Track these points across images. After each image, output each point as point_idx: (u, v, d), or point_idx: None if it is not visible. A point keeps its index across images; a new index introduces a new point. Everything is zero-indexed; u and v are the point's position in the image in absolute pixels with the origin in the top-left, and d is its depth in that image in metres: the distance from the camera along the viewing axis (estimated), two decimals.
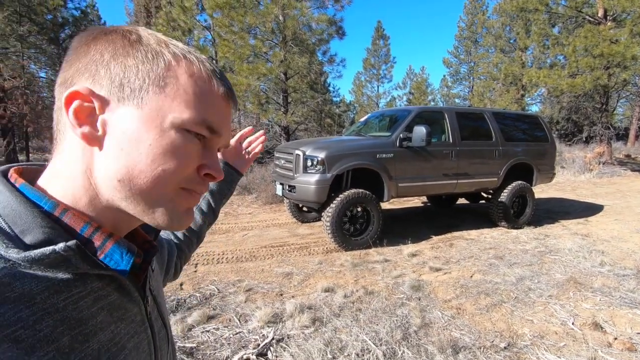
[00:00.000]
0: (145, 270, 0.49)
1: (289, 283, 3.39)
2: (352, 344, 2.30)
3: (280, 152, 5.04)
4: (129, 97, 0.40)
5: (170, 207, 0.43)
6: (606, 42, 11.43)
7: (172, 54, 0.42)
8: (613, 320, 2.72)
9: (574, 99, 15.71)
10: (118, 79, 0.40)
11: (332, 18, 10.67)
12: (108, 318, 0.41)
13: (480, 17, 25.24)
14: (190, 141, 0.42)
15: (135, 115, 0.40)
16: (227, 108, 0.46)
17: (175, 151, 0.41)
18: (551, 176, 6.17)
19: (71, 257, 0.37)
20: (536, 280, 3.46)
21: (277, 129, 12.00)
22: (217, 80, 0.44)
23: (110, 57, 0.40)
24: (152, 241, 0.53)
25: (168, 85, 0.41)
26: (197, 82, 0.42)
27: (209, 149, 0.45)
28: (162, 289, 0.63)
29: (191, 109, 0.41)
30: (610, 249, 4.41)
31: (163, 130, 0.40)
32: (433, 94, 30.40)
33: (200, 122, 0.42)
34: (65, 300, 0.37)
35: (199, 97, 0.42)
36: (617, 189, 9.43)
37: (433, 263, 3.92)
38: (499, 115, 5.72)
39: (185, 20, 10.89)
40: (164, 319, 0.56)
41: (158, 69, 0.41)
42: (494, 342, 2.43)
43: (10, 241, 0.35)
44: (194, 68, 0.43)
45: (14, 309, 0.32)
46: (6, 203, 0.37)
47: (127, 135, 0.39)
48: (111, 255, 0.41)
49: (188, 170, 0.43)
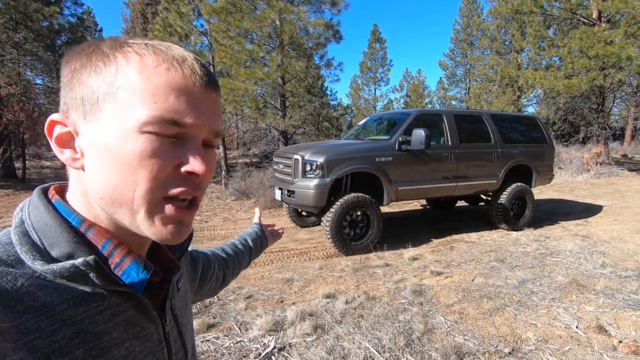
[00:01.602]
0: (165, 289, 0.49)
1: (290, 289, 3.35)
2: (355, 352, 2.27)
3: (279, 156, 5.02)
4: (90, 112, 0.39)
5: (152, 219, 0.40)
6: (601, 43, 11.51)
7: (124, 54, 0.39)
8: (617, 323, 2.70)
9: (570, 100, 15.79)
10: (79, 97, 0.40)
11: (328, 22, 10.70)
12: (124, 334, 0.41)
13: (475, 20, 25.41)
14: (156, 143, 0.38)
15: (98, 129, 0.39)
16: (197, 94, 0.41)
17: (142, 158, 0.38)
18: (550, 177, 6.17)
19: (89, 272, 0.38)
20: (538, 283, 3.44)
21: (275, 133, 11.98)
22: (179, 67, 0.40)
23: (72, 77, 0.40)
24: (175, 260, 0.53)
25: (120, 90, 0.38)
26: (150, 77, 0.38)
27: (187, 144, 0.41)
28: (189, 309, 0.61)
29: (147, 108, 0.38)
30: (611, 250, 4.39)
31: (124, 139, 0.38)
32: (430, 97, 30.53)
33: (159, 119, 0.38)
34: (83, 313, 0.37)
35: (154, 93, 0.38)
36: (615, 189, 9.45)
37: (434, 267, 3.89)
38: (497, 117, 5.72)
39: (182, 25, 10.88)
40: (184, 340, 0.55)
41: (109, 75, 0.39)
42: (498, 347, 2.41)
43: (39, 253, 0.38)
44: (146, 62, 0.39)
45: (34, 318, 0.34)
46: (40, 217, 0.40)
47: (97, 151, 0.39)
48: (129, 272, 0.42)
49: (162, 174, 0.39)
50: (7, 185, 10.24)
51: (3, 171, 11.40)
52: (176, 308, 0.54)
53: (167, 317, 0.50)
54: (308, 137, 15.02)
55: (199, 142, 0.42)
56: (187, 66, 0.41)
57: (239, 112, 11.86)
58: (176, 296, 0.54)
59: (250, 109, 10.78)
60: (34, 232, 0.39)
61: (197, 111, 0.40)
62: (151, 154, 0.38)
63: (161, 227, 0.41)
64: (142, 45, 0.40)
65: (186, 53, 0.42)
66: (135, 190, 0.38)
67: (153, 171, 0.38)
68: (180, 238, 0.43)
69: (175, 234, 0.42)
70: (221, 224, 6.06)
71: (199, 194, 0.44)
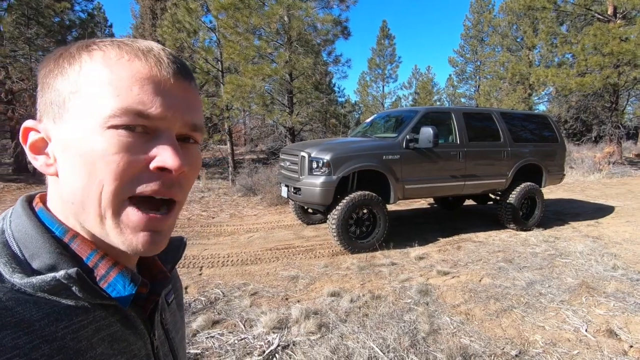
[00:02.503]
0: (152, 302, 0.46)
1: (295, 287, 3.35)
2: (359, 352, 2.25)
3: (286, 153, 5.01)
4: (58, 115, 0.38)
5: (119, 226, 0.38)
6: (616, 40, 11.25)
7: (89, 52, 0.38)
8: (628, 327, 2.64)
9: (583, 98, 15.49)
10: (49, 101, 0.39)
11: (337, 18, 10.63)
12: (108, 350, 0.38)
13: (486, 16, 25.03)
14: (122, 137, 0.36)
15: (65, 131, 0.38)
16: (165, 84, 0.38)
17: (107, 154, 0.36)
18: (561, 177, 6.06)
19: (71, 285, 0.36)
20: (547, 284, 3.39)
21: (282, 130, 11.98)
22: (143, 57, 0.38)
23: (42, 82, 0.40)
24: (166, 272, 0.50)
25: (83, 87, 0.37)
26: (113, 70, 0.37)
27: (160, 138, 0.38)
28: (181, 325, 0.58)
29: (110, 102, 0.36)
30: (622, 252, 4.31)
31: (90, 137, 0.36)
32: (439, 94, 30.23)
33: (123, 111, 0.36)
34: (65, 328, 0.35)
35: (117, 86, 0.36)
36: (628, 189, 9.26)
37: (441, 266, 3.86)
38: (507, 115, 5.63)
39: (191, 21, 10.90)
40: (176, 357, 0.52)
41: (73, 75, 0.38)
42: (505, 350, 2.37)
43: (18, 265, 0.35)
44: (110, 56, 0.37)
45: (12, 335, 0.31)
46: (22, 227, 0.38)
47: (66, 154, 0.38)
48: (114, 285, 0.39)
49: (130, 170, 0.36)
50: (19, 179, 10.42)
51: (15, 165, 11.61)
52: (167, 323, 0.51)
53: (156, 332, 0.47)
54: (315, 134, 15.00)
55: (172, 136, 0.39)
56: (153, 55, 0.39)
57: (246, 108, 11.87)
58: (167, 310, 0.51)
59: (257, 106, 10.78)
60: (14, 243, 0.37)
61: (165, 101, 0.38)
62: (117, 149, 0.36)
63: (131, 236, 0.38)
64: (107, 42, 0.39)
65: (153, 44, 0.40)
66: (101, 190, 0.36)
67: (119, 167, 0.36)
68: (154, 249, 0.40)
69: (148, 243, 0.39)
70: (228, 220, 6.08)
71: (176, 195, 0.40)
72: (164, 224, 0.40)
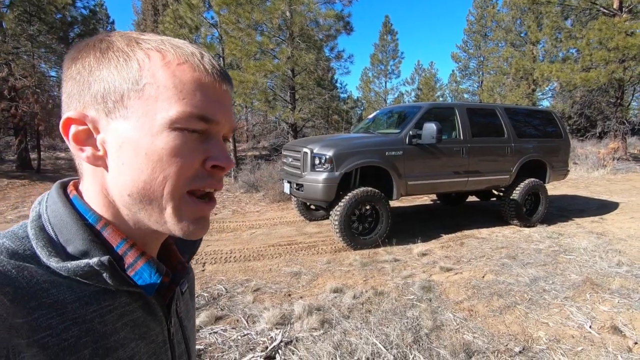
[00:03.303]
0: (172, 291, 0.49)
1: (297, 283, 3.35)
2: (362, 348, 2.25)
3: (288, 149, 4.99)
4: (114, 110, 0.39)
5: (180, 215, 0.41)
6: (621, 35, 11.11)
7: (144, 51, 0.40)
8: (632, 324, 2.63)
9: (587, 94, 15.34)
10: (100, 94, 0.39)
11: (339, 13, 10.56)
12: (130, 335, 0.41)
13: (490, 11, 24.79)
14: (186, 139, 0.39)
15: (124, 127, 0.39)
16: (218, 90, 0.42)
17: (172, 154, 0.39)
18: (565, 173, 6.02)
19: (103, 271, 0.38)
20: (551, 281, 3.37)
21: (285, 126, 11.96)
22: (198, 64, 0.41)
23: (88, 73, 0.40)
24: (184, 263, 0.53)
25: (146, 87, 0.39)
26: (176, 74, 0.39)
27: (211, 139, 0.42)
28: (193, 315, 0.61)
29: (176, 105, 0.39)
30: (627, 249, 4.28)
31: (154, 135, 0.38)
32: (442, 90, 30.04)
33: (189, 115, 0.39)
34: (93, 312, 0.37)
35: (181, 90, 0.39)
36: (632, 185, 9.19)
37: (444, 263, 3.84)
38: (511, 110, 5.58)
39: (192, 17, 10.86)
40: (188, 345, 0.55)
41: (132, 72, 0.39)
42: (509, 346, 2.36)
43: (54, 249, 0.38)
44: (169, 59, 0.40)
45: (46, 315, 0.34)
46: (57, 212, 0.40)
47: (124, 149, 0.39)
48: (141, 273, 0.42)
49: (191, 169, 0.40)
50: (23, 176, 10.47)
51: (19, 162, 11.65)
52: (181, 311, 0.54)
53: (172, 319, 0.50)
54: (317, 130, 14.96)
55: (221, 137, 0.44)
56: (207, 62, 0.41)
57: (248, 104, 11.85)
58: (181, 299, 0.54)
59: (259, 102, 10.76)
60: (50, 227, 0.39)
61: (221, 107, 0.42)
62: (181, 150, 0.39)
63: (187, 223, 0.42)
64: (159, 42, 0.41)
65: (201, 49, 0.43)
66: (165, 186, 0.39)
67: (184, 166, 0.39)
68: (203, 232, 0.44)
69: (200, 229, 0.43)
70: (230, 217, 6.09)
71: (220, 187, 0.45)
72: (209, 211, 0.45)
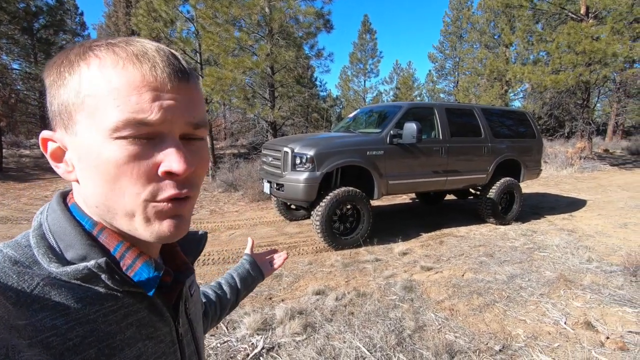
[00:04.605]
0: (176, 290, 0.49)
1: (278, 286, 3.28)
2: (346, 352, 2.22)
3: (268, 149, 4.90)
4: (68, 126, 0.39)
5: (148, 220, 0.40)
6: (588, 39, 11.62)
7: (86, 60, 0.38)
8: (604, 319, 2.73)
9: (557, 95, 15.99)
10: (57, 111, 0.40)
11: (319, 11, 10.47)
12: (136, 335, 0.42)
13: (465, 13, 25.40)
14: (130, 148, 0.37)
15: (78, 142, 0.39)
16: (162, 86, 0.38)
17: (119, 164, 0.37)
18: (538, 172, 6.23)
19: (101, 273, 0.39)
20: (527, 278, 3.46)
21: (264, 124, 11.79)
22: (137, 62, 0.38)
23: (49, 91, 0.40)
24: (188, 263, 0.53)
25: (85, 98, 0.37)
26: (110, 79, 0.37)
27: (164, 142, 0.39)
28: (200, 317, 0.62)
29: (112, 113, 0.37)
30: (596, 245, 4.46)
31: (100, 149, 0.38)
32: (420, 89, 30.55)
33: (125, 123, 0.37)
34: (96, 312, 0.38)
35: (115, 96, 0.37)
36: (598, 183, 9.66)
37: (424, 262, 3.88)
38: (488, 111, 5.71)
39: (167, 10, 10.47)
40: (198, 346, 0.56)
41: (74, 84, 0.38)
42: (489, 345, 2.39)
43: (54, 256, 0.39)
44: (105, 64, 0.37)
45: (50, 316, 0.35)
46: (57, 221, 0.42)
47: (82, 163, 0.39)
48: (140, 273, 0.42)
49: (142, 177, 0.38)
50: None
51: None
52: (190, 312, 0.54)
53: (181, 320, 0.50)
54: (297, 129, 14.86)
55: (175, 138, 0.40)
56: (148, 60, 0.38)
57: (226, 102, 11.59)
58: (190, 300, 0.55)
59: (238, 99, 10.54)
60: (50, 235, 0.41)
61: (163, 106, 0.38)
62: (127, 159, 0.37)
63: (158, 226, 0.40)
64: (102, 47, 0.39)
65: (148, 45, 0.40)
66: (124, 196, 0.39)
67: (134, 176, 0.38)
68: (179, 233, 0.42)
69: (174, 228, 0.41)
70: (208, 217, 5.93)
71: (189, 193, 0.42)
72: (185, 210, 0.42)
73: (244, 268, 0.93)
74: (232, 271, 0.92)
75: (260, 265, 0.96)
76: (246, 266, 0.93)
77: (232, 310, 0.88)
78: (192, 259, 0.55)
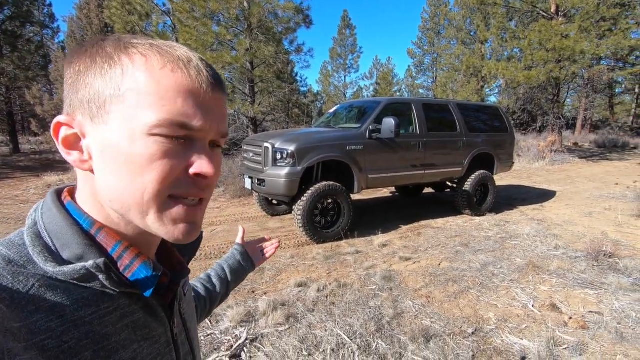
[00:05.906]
0: (173, 291, 0.49)
1: (261, 279, 3.33)
2: (327, 339, 2.30)
3: (249, 144, 4.90)
4: (97, 115, 0.39)
5: (162, 220, 0.41)
6: (558, 37, 12.10)
7: (129, 55, 0.39)
8: (568, 301, 2.92)
9: (529, 91, 16.59)
10: (85, 99, 0.39)
11: (298, 6, 10.45)
12: (132, 336, 0.42)
13: (442, 9, 25.86)
14: (165, 146, 0.39)
15: (106, 132, 0.39)
16: (204, 96, 0.41)
17: (151, 160, 0.38)
18: (510, 165, 6.49)
19: (98, 274, 0.39)
20: (499, 265, 3.64)
21: (244, 120, 11.70)
22: (183, 69, 0.40)
23: (77, 78, 0.40)
24: (184, 263, 0.53)
25: (127, 92, 0.38)
26: (157, 79, 0.38)
27: (195, 146, 0.41)
28: (194, 316, 0.63)
29: (155, 112, 0.38)
30: (563, 233, 4.72)
31: (133, 141, 0.38)
32: (399, 85, 30.94)
33: (169, 123, 0.38)
34: (92, 314, 0.38)
35: (162, 96, 0.38)
36: (567, 175, 10.13)
37: (403, 253, 4.01)
38: (463, 106, 5.90)
39: (142, 3, 10.21)
40: (193, 346, 0.56)
41: (115, 77, 0.38)
42: (463, 328, 2.53)
43: (50, 255, 0.38)
44: (152, 64, 0.39)
45: (45, 318, 0.34)
46: (53, 219, 0.41)
47: (105, 154, 0.39)
48: (138, 274, 0.42)
49: (171, 176, 0.40)
50: None
51: None
52: (184, 312, 0.54)
53: (175, 320, 0.50)
54: (278, 124, 14.81)
55: (206, 144, 0.43)
56: (193, 67, 0.40)
57: None
58: (184, 300, 0.55)
59: None
60: (46, 234, 0.40)
61: (205, 114, 0.41)
62: (160, 156, 0.38)
63: (172, 227, 0.41)
64: (146, 46, 0.40)
65: (191, 53, 0.42)
66: (145, 191, 0.39)
67: (162, 173, 0.39)
68: (191, 237, 0.43)
69: (187, 233, 0.42)
70: None
71: (206, 195, 0.44)
72: (198, 216, 0.44)
73: (235, 259, 0.93)
74: (223, 262, 0.92)
75: (251, 255, 0.96)
76: (237, 257, 0.94)
77: (222, 302, 0.88)
78: (187, 258, 0.55)
